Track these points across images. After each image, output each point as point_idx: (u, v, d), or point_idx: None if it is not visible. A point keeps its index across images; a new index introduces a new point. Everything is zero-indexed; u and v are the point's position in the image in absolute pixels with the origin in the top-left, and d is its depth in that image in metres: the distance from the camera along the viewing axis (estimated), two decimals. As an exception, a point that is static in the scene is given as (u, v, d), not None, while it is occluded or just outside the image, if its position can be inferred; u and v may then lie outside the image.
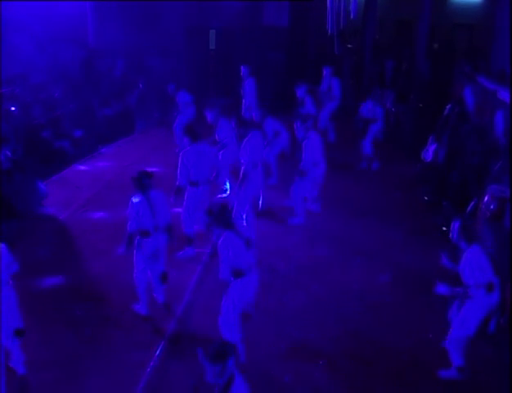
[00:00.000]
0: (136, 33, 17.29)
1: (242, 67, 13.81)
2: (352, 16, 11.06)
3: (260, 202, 9.93)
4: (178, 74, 17.22)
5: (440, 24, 17.76)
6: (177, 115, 13.09)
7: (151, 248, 6.87)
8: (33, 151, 11.53)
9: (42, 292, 7.62)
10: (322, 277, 8.17)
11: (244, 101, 13.69)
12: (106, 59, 16.63)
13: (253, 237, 8.09)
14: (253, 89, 13.65)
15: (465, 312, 5.81)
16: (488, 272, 5.63)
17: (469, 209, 9.22)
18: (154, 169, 8.53)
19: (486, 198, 8.56)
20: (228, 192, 10.47)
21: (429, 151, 11.35)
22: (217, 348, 4.15)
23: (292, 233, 9.39)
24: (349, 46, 19.02)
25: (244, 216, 8.75)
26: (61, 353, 6.44)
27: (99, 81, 15.96)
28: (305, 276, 8.20)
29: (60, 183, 11.38)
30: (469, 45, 17.06)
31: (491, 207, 8.37)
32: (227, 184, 10.58)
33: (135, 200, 6.89)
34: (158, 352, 6.42)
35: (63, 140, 12.67)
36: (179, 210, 8.36)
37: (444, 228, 8.49)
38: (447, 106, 11.75)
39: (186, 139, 8.35)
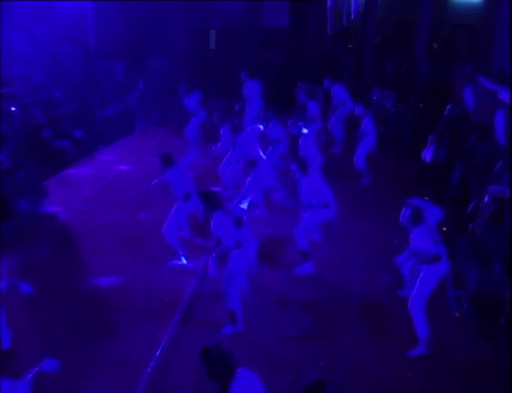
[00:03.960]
0: (136, 34, 17.29)
1: (242, 72, 13.84)
2: (352, 16, 11.06)
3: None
4: (178, 75, 17.25)
5: (440, 24, 17.75)
6: (190, 118, 13.11)
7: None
8: (33, 152, 11.54)
9: (42, 292, 7.60)
10: (322, 277, 8.18)
11: (247, 104, 13.68)
12: (106, 59, 16.63)
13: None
14: (256, 92, 13.65)
15: (419, 281, 6.45)
16: (432, 247, 6.34)
17: (469, 209, 9.23)
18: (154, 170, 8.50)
19: (486, 199, 8.58)
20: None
21: (429, 152, 11.34)
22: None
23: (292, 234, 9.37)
24: (349, 46, 19.05)
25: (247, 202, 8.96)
26: (61, 353, 6.42)
27: (99, 81, 15.96)
28: (305, 275, 8.20)
29: (61, 183, 11.38)
30: (469, 45, 17.05)
31: (492, 208, 8.38)
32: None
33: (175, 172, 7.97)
34: (158, 352, 6.44)
35: (63, 140, 12.66)
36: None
37: (444, 228, 8.48)
38: (448, 107, 11.76)
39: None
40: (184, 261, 8.35)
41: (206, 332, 6.81)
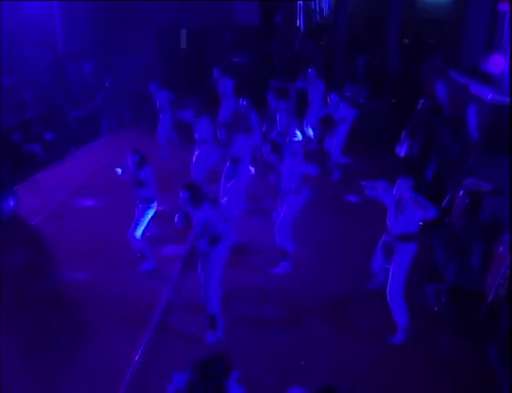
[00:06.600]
0: (105, 33, 17.06)
1: (214, 69, 13.76)
2: (324, 13, 11.03)
3: None
4: (149, 74, 17.05)
5: (410, 19, 17.83)
6: (161, 117, 12.97)
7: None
8: (2, 156, 11.28)
9: (15, 300, 7.42)
10: (301, 276, 8.13)
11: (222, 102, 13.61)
12: (75, 59, 16.35)
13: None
14: (229, 89, 13.59)
15: (394, 265, 6.51)
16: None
17: (444, 203, 9.27)
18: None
19: (461, 192, 8.62)
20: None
21: (403, 147, 11.38)
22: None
23: (270, 232, 9.30)
24: (321, 43, 19.04)
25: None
26: (37, 363, 6.27)
27: (69, 82, 15.70)
28: (284, 277, 8.13)
29: (32, 188, 11.13)
30: (440, 40, 17.15)
31: (467, 200, 8.43)
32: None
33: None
34: (137, 358, 6.31)
35: (33, 143, 12.42)
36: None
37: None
38: (420, 101, 11.79)
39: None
40: (153, 265, 8.22)
41: (185, 336, 6.72)
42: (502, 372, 6.02)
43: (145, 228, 8.10)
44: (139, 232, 8.00)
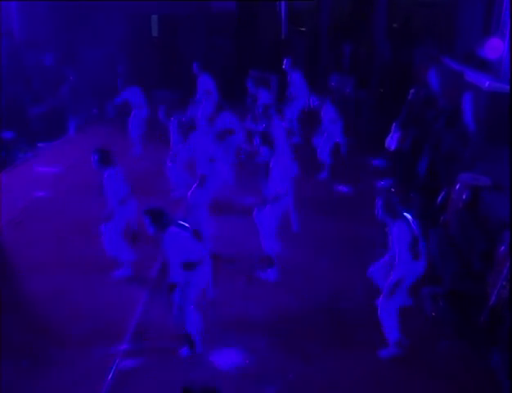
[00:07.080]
0: (68, 21, 16.84)
1: (194, 64, 13.72)
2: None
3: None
4: (117, 66, 16.91)
5: (400, 1, 17.88)
6: (131, 116, 12.86)
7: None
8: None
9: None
10: (286, 282, 8.08)
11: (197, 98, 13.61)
12: (35, 50, 16.11)
13: (207, 233, 8.37)
14: (209, 86, 13.58)
15: (392, 280, 6.21)
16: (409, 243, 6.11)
17: (439, 200, 9.30)
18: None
19: (457, 187, 8.64)
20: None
21: (394, 140, 11.41)
22: None
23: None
24: (302, 29, 19.04)
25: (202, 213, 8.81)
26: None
27: (28, 75, 15.49)
28: (272, 284, 8.08)
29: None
30: (432, 23, 17.21)
31: (464, 196, 8.44)
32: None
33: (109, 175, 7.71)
34: (110, 377, 6.18)
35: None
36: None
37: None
38: (411, 91, 11.83)
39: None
40: (128, 272, 8.15)
41: (162, 352, 6.61)
42: (506, 379, 6.03)
43: (120, 232, 7.98)
44: (113, 237, 7.92)
